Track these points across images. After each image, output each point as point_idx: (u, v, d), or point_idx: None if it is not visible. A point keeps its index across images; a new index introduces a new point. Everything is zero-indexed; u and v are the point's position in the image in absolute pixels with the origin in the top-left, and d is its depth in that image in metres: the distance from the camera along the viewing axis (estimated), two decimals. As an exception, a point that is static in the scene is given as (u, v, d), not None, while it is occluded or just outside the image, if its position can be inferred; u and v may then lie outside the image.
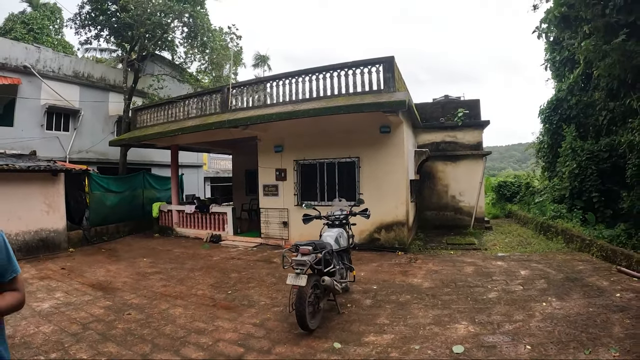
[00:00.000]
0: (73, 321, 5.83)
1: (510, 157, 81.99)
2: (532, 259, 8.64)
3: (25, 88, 15.28)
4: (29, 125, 15.44)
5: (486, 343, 4.51)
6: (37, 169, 10.83)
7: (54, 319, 5.88)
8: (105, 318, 5.99)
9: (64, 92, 16.26)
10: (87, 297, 7.05)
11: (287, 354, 4.62)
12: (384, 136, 10.32)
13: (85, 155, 17.05)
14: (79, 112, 17.05)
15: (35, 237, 11.02)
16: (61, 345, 4.95)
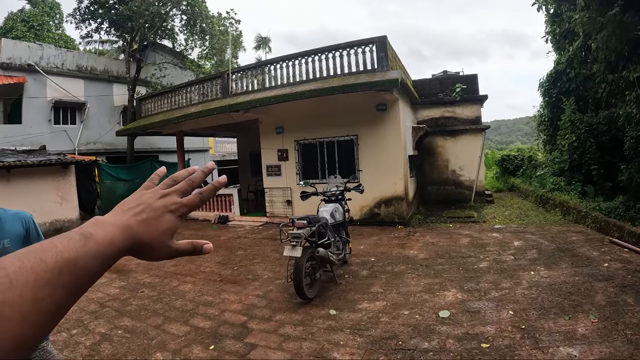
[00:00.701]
0: (91, 301, 6.20)
1: (518, 130, 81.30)
2: (527, 230, 8.84)
3: (31, 85, 15.65)
4: (37, 121, 15.85)
5: (471, 309, 4.82)
6: (48, 162, 11.17)
7: None
8: (121, 296, 6.37)
9: (69, 87, 16.61)
10: (103, 279, 7.40)
11: (286, 321, 4.98)
12: (381, 114, 10.54)
13: (93, 147, 17.44)
14: (84, 105, 17.41)
15: (50, 229, 11.37)
16: (81, 322, 5.34)
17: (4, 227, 2.36)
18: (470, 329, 4.28)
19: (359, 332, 4.47)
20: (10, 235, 2.36)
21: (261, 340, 4.48)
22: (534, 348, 3.71)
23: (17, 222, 2.44)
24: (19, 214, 2.49)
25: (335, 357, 3.97)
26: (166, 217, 0.64)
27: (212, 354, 4.23)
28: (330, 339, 4.37)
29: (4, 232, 2.35)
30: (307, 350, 4.17)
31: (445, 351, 3.88)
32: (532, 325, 4.17)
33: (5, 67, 15.08)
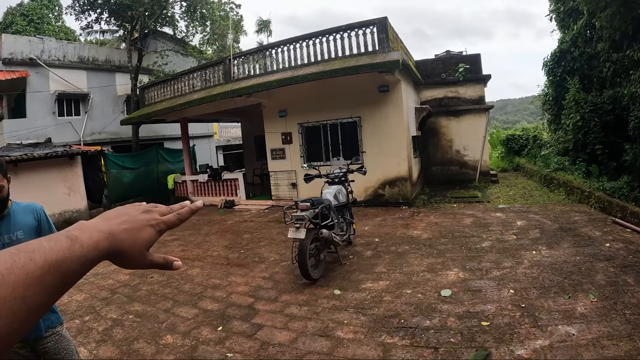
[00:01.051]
0: (102, 288, 6.34)
1: (524, 110, 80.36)
2: (531, 210, 8.85)
3: (34, 79, 15.74)
4: (42, 114, 15.96)
5: (473, 287, 4.89)
6: (54, 155, 11.25)
7: (84, 288, 6.37)
8: (131, 283, 6.50)
9: (71, 79, 16.67)
10: (113, 267, 7.37)
11: (292, 301, 5.09)
12: (383, 95, 10.53)
13: (98, 137, 17.55)
14: (88, 96, 17.49)
15: (59, 219, 11.48)
16: (93, 309, 5.48)
17: (16, 219, 2.49)
18: (471, 307, 4.36)
19: (363, 311, 4.57)
20: (23, 227, 2.49)
21: (267, 321, 4.59)
22: (533, 326, 3.78)
23: (28, 214, 2.57)
24: (30, 206, 2.62)
25: (339, 336, 4.07)
26: (147, 230, 0.69)
27: (221, 335, 4.35)
28: (335, 318, 4.47)
29: (17, 224, 2.48)
30: (312, 329, 4.28)
31: (446, 329, 3.96)
32: (532, 304, 4.23)
33: (7, 63, 15.15)
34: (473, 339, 3.71)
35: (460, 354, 3.50)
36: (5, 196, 2.41)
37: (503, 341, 3.60)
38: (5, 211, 2.46)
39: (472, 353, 3.47)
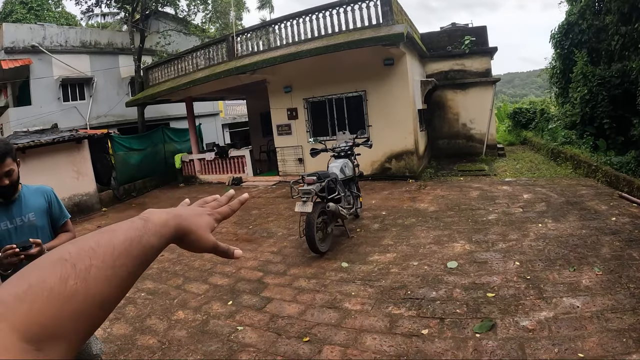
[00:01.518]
0: (114, 268, 6.50)
1: (532, 83, 79.14)
2: (537, 183, 8.80)
3: (37, 66, 15.76)
4: (47, 100, 16.02)
5: (479, 259, 4.93)
6: (61, 140, 11.27)
7: None
8: (135, 265, 6.64)
9: (74, 63, 16.66)
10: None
11: (300, 275, 5.18)
12: (388, 68, 10.44)
13: (104, 120, 17.60)
14: (92, 80, 17.48)
15: (69, 203, 11.52)
16: None
17: (28, 202, 2.55)
18: (477, 279, 4.40)
19: (370, 283, 4.63)
20: (34, 209, 2.55)
21: (276, 294, 4.68)
22: (538, 298, 3.81)
23: (39, 196, 2.63)
24: (40, 189, 2.69)
25: (347, 307, 4.14)
26: (205, 217, 0.77)
27: (231, 309, 4.44)
28: (342, 290, 4.54)
29: (28, 206, 2.54)
30: (320, 301, 4.36)
31: (452, 300, 4.02)
32: (537, 276, 4.26)
33: (9, 51, 15.15)
34: (478, 310, 3.76)
35: (466, 325, 3.56)
36: (16, 180, 2.43)
37: (508, 312, 3.65)
38: (16, 194, 2.51)
39: (478, 324, 3.53)
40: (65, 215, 2.75)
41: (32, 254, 2.29)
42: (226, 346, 3.72)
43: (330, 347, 3.48)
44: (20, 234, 2.45)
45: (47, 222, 2.63)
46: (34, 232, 2.51)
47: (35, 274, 0.49)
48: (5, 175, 2.33)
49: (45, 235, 2.58)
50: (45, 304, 0.46)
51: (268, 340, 3.74)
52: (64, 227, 2.75)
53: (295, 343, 3.63)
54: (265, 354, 3.51)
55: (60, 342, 0.46)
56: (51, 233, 2.67)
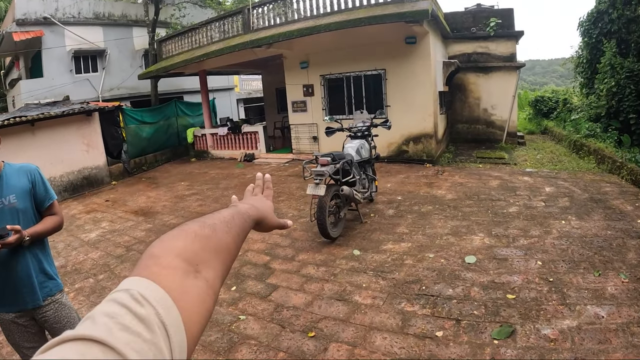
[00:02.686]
0: (118, 245, 6.34)
1: (553, 72, 77.31)
2: (559, 176, 8.40)
3: (49, 38, 15.59)
4: (59, 73, 15.90)
5: (499, 255, 4.63)
6: (71, 112, 11.13)
7: (100, 246, 6.38)
8: (147, 239, 6.48)
9: (87, 35, 16.45)
10: (130, 223, 7.56)
11: (309, 261, 4.96)
12: (410, 47, 10.02)
13: (116, 92, 17.42)
14: (105, 52, 17.29)
15: (79, 176, 11.53)
16: (107, 267, 5.47)
17: (9, 182, 2.37)
18: (496, 277, 4.13)
19: (382, 275, 4.40)
20: (16, 190, 2.37)
21: (283, 281, 4.49)
22: (561, 304, 3.53)
23: (22, 176, 2.44)
24: (24, 167, 2.49)
25: (357, 300, 3.92)
26: (268, 202, 1.04)
27: (234, 296, 4.26)
28: (353, 281, 4.32)
29: (9, 187, 2.36)
30: (329, 292, 4.14)
31: (470, 300, 3.76)
32: (560, 279, 3.96)
33: (21, 23, 14.97)
34: (497, 313, 3.49)
35: (483, 329, 3.30)
36: None
37: (529, 318, 3.38)
38: None
39: (497, 329, 3.27)
40: (51, 197, 2.54)
41: (9, 243, 2.14)
42: (226, 337, 3.54)
43: (336, 345, 3.27)
44: (0, 219, 2.27)
45: (30, 205, 2.43)
46: (15, 216, 2.33)
47: (184, 226, 0.69)
48: None
49: (28, 219, 2.40)
50: (193, 240, 0.65)
51: (271, 332, 3.54)
52: (50, 210, 2.54)
53: (299, 338, 3.42)
54: (267, 349, 3.32)
55: (209, 268, 0.64)
56: (35, 216, 2.47)
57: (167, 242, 0.64)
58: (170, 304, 0.50)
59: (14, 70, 18.82)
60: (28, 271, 2.38)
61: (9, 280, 2.34)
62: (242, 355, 3.27)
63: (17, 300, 2.38)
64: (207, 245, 0.65)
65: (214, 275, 0.64)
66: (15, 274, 2.34)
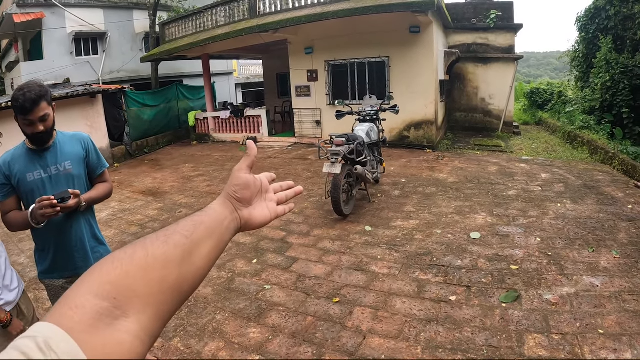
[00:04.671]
0: (131, 223, 6.52)
1: (547, 64, 77.62)
2: (554, 164, 8.75)
3: (50, 20, 15.50)
4: (59, 55, 15.85)
5: (501, 232, 5.00)
6: (75, 94, 11.21)
7: (113, 224, 6.53)
8: (160, 217, 6.69)
9: (88, 17, 16.37)
10: (140, 203, 7.73)
11: (324, 236, 5.26)
12: (414, 36, 10.28)
13: (117, 75, 17.39)
14: (105, 35, 17.22)
15: None
16: (124, 244, 5.59)
17: (63, 149, 2.41)
18: (500, 251, 4.48)
19: (395, 248, 4.72)
20: (71, 157, 2.41)
21: (301, 254, 4.77)
22: (560, 274, 3.89)
23: (76, 143, 2.48)
24: (77, 135, 2.54)
25: (374, 270, 4.24)
26: (265, 211, 0.87)
27: (256, 267, 4.53)
28: (368, 254, 4.64)
29: (64, 154, 2.40)
30: (347, 263, 4.45)
31: (477, 269, 4.11)
32: (557, 254, 4.33)
33: (22, 5, 14.88)
34: (503, 281, 3.85)
35: (492, 294, 3.65)
36: (51, 126, 2.29)
37: (532, 285, 3.74)
38: (50, 141, 2.36)
39: (504, 294, 3.62)
40: (103, 165, 2.61)
41: (69, 206, 2.18)
42: (254, 304, 3.80)
43: (361, 309, 3.58)
44: (56, 184, 2.32)
45: (84, 171, 2.49)
46: (70, 182, 2.38)
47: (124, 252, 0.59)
48: (40, 120, 2.19)
49: (82, 185, 2.46)
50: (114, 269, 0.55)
51: (297, 299, 3.82)
52: (101, 177, 2.62)
53: (325, 304, 3.72)
54: (296, 314, 3.60)
55: (145, 308, 0.53)
56: (87, 183, 2.54)
57: (95, 274, 0.54)
58: (81, 358, 0.44)
59: (11, 53, 18.67)
60: (82, 236, 2.45)
61: (63, 245, 2.40)
62: (273, 320, 3.52)
63: (69, 265, 2.43)
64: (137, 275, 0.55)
65: (153, 316, 0.55)
66: (69, 239, 2.40)
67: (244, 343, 3.25)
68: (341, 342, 3.17)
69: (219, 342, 3.28)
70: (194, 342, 3.30)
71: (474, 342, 3.04)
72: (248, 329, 3.44)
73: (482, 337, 3.10)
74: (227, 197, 0.78)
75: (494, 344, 3.01)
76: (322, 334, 3.28)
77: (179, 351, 3.20)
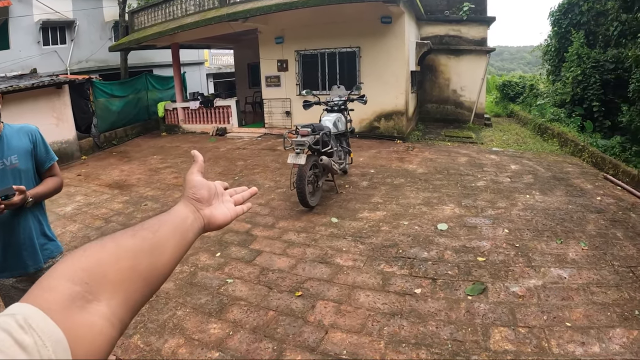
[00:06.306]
0: (96, 217, 6.28)
1: (520, 58, 78.92)
2: (524, 156, 8.79)
3: (16, 7, 14.81)
4: (26, 44, 15.21)
5: (468, 224, 4.95)
6: (41, 85, 10.76)
7: (78, 219, 6.29)
8: (125, 211, 6.46)
9: (55, 5, 15.72)
10: (106, 196, 7.46)
11: (289, 228, 5.13)
12: (385, 26, 10.18)
13: (85, 65, 16.86)
14: (74, 23, 16.62)
15: None
16: (87, 239, 5.38)
17: (10, 143, 2.30)
18: (467, 242, 4.43)
19: (361, 240, 4.62)
20: (17, 151, 2.30)
21: (266, 247, 4.63)
22: (527, 266, 3.85)
23: (23, 136, 2.38)
24: (25, 128, 2.44)
25: (339, 263, 4.12)
26: (224, 211, 0.91)
27: (219, 261, 4.38)
28: (333, 246, 4.53)
29: (11, 148, 2.29)
30: (311, 255, 4.33)
31: (444, 261, 4.03)
32: (525, 245, 4.30)
33: None
34: (469, 273, 3.78)
35: (457, 286, 3.58)
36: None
37: (498, 277, 3.69)
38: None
39: (470, 286, 3.55)
40: (51, 158, 2.49)
41: (14, 203, 2.09)
42: (216, 299, 3.67)
43: (323, 303, 3.47)
44: (2, 180, 2.21)
45: (31, 165, 2.38)
46: (17, 177, 2.27)
47: (97, 243, 0.64)
48: None
49: (30, 180, 2.35)
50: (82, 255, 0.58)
51: (259, 293, 3.70)
52: (50, 171, 2.50)
53: (287, 297, 3.60)
54: (257, 308, 3.48)
55: (115, 294, 0.57)
56: (36, 177, 2.43)
57: (68, 261, 0.57)
58: (59, 336, 0.46)
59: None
60: (30, 233, 2.35)
61: (11, 243, 2.30)
62: (234, 315, 3.40)
63: (18, 263, 2.34)
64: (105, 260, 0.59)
65: (121, 302, 0.57)
66: (17, 237, 2.31)
67: (204, 339, 3.15)
68: (302, 337, 3.07)
69: (179, 338, 3.17)
70: (154, 339, 3.17)
71: (439, 336, 2.96)
72: (209, 324, 3.32)
73: (447, 331, 3.02)
74: (187, 199, 0.82)
75: (459, 337, 2.93)
76: (284, 329, 3.17)
77: (138, 348, 3.08)
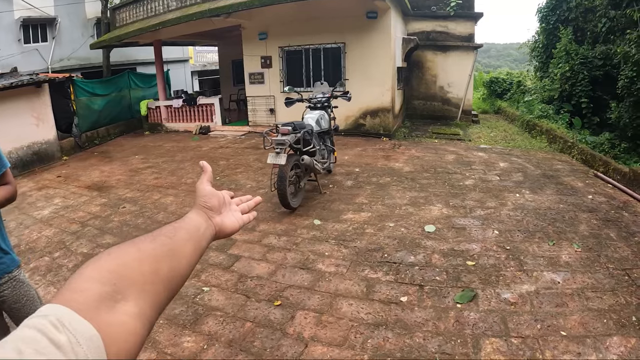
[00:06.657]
0: (72, 221, 6.05)
1: (507, 55, 79.40)
2: (513, 153, 8.63)
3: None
4: (6, 43, 14.71)
5: (457, 225, 4.75)
6: (20, 84, 10.45)
7: (54, 223, 6.08)
8: (102, 214, 6.22)
9: (37, 2, 15.31)
10: (84, 198, 7.23)
11: (270, 231, 4.91)
12: (371, 22, 9.99)
13: (67, 63, 16.42)
14: (55, 20, 16.14)
15: (28, 152, 10.90)
16: (63, 244, 5.20)
17: None
18: (455, 245, 4.24)
19: (344, 243, 4.42)
20: None
21: (245, 252, 4.42)
22: (519, 270, 3.68)
23: None
24: None
25: (321, 269, 3.92)
26: (233, 220, 0.94)
27: (196, 267, 4.09)
28: (315, 250, 4.32)
29: None
30: (292, 261, 4.12)
31: (431, 266, 3.84)
32: (516, 247, 4.12)
33: None
34: (459, 279, 3.60)
35: (446, 293, 3.39)
36: None
37: (489, 283, 3.51)
38: None
39: (459, 293, 3.37)
40: (4, 164, 2.24)
41: None
42: (191, 309, 3.47)
43: (303, 313, 3.26)
44: None
45: None
46: None
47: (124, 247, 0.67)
48: None
49: None
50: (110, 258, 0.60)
51: (236, 303, 3.50)
52: (3, 179, 2.25)
53: (265, 307, 3.39)
54: (234, 319, 3.27)
55: (141, 294, 0.58)
56: None
57: (93, 264, 0.58)
58: (92, 333, 0.47)
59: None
60: None
61: None
62: (209, 327, 3.21)
63: None
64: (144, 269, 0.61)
65: (148, 303, 0.59)
66: None
67: (176, 353, 2.95)
68: (280, 351, 2.87)
69: (150, 352, 2.97)
70: (124, 354, 2.91)
71: (426, 349, 2.77)
72: (182, 337, 3.13)
73: (435, 342, 2.83)
74: (199, 207, 0.84)
75: (448, 350, 2.75)
76: (261, 342, 2.98)
77: (107, 364, 2.80)
